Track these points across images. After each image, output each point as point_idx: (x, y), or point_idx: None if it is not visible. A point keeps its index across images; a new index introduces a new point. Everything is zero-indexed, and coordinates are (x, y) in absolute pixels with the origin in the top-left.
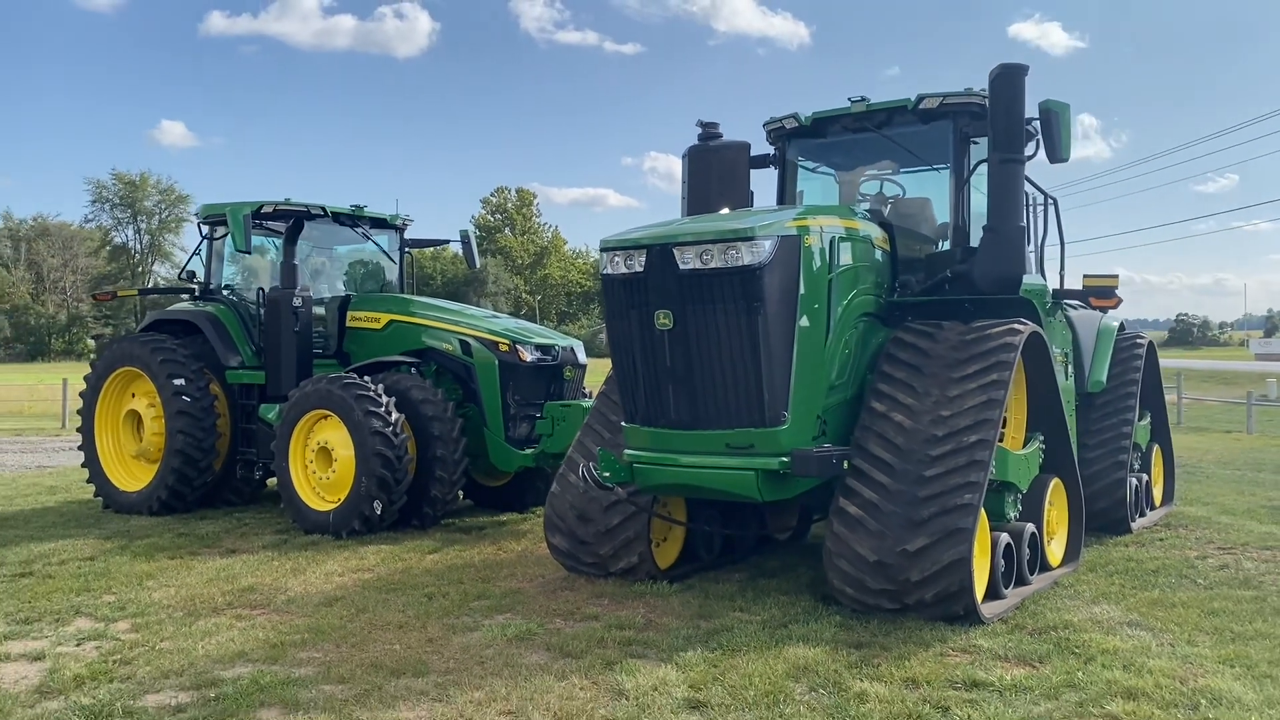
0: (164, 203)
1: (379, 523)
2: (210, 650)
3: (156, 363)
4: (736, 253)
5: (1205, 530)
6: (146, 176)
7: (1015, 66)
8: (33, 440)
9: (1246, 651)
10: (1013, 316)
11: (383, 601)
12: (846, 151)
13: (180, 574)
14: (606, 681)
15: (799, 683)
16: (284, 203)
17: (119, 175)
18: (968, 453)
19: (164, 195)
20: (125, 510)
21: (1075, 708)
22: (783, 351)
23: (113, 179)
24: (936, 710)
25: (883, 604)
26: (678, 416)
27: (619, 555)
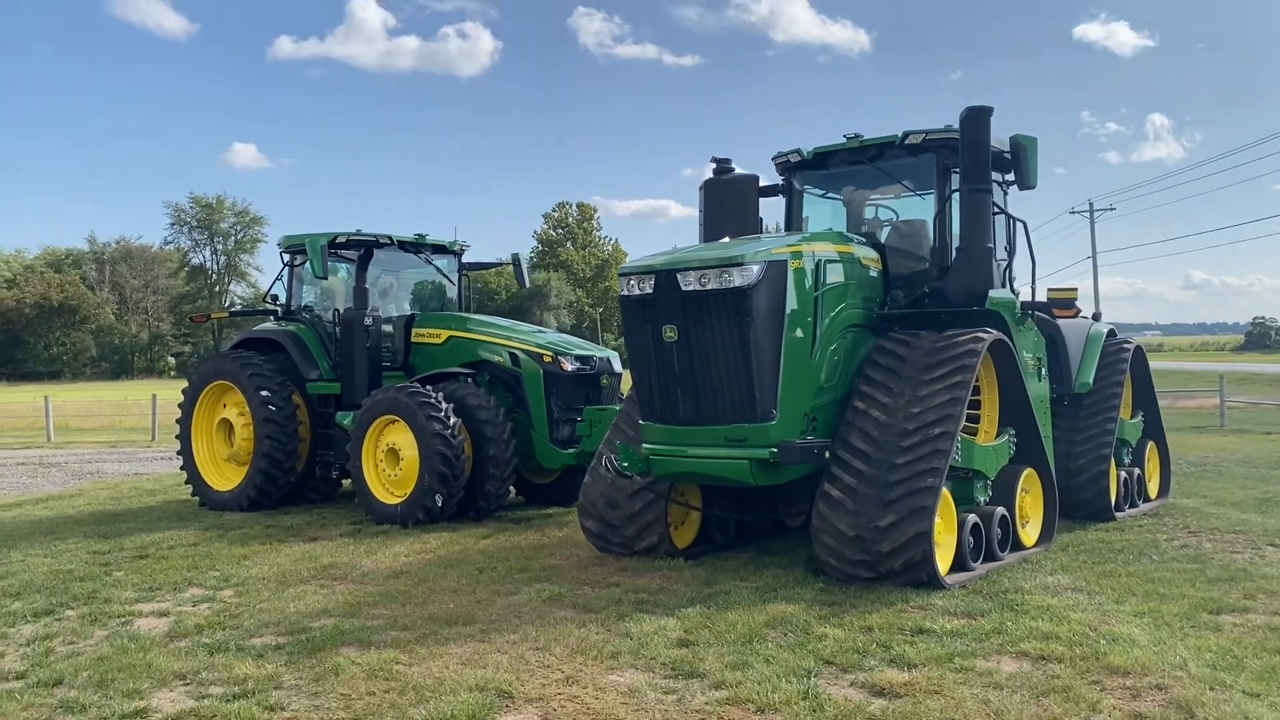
0: (239, 224)
1: (440, 514)
2: (300, 609)
3: (245, 376)
4: (729, 276)
5: (1185, 518)
6: (222, 199)
7: (981, 108)
8: (127, 451)
9: (1161, 608)
10: (982, 326)
11: (440, 574)
12: (846, 181)
13: (271, 555)
14: (617, 628)
15: (774, 629)
16: (355, 233)
17: (196, 198)
18: (932, 443)
19: (239, 217)
20: (218, 507)
21: (995, 645)
22: (771, 358)
23: (190, 202)
24: (880, 647)
25: (861, 573)
26: (684, 415)
27: (641, 536)
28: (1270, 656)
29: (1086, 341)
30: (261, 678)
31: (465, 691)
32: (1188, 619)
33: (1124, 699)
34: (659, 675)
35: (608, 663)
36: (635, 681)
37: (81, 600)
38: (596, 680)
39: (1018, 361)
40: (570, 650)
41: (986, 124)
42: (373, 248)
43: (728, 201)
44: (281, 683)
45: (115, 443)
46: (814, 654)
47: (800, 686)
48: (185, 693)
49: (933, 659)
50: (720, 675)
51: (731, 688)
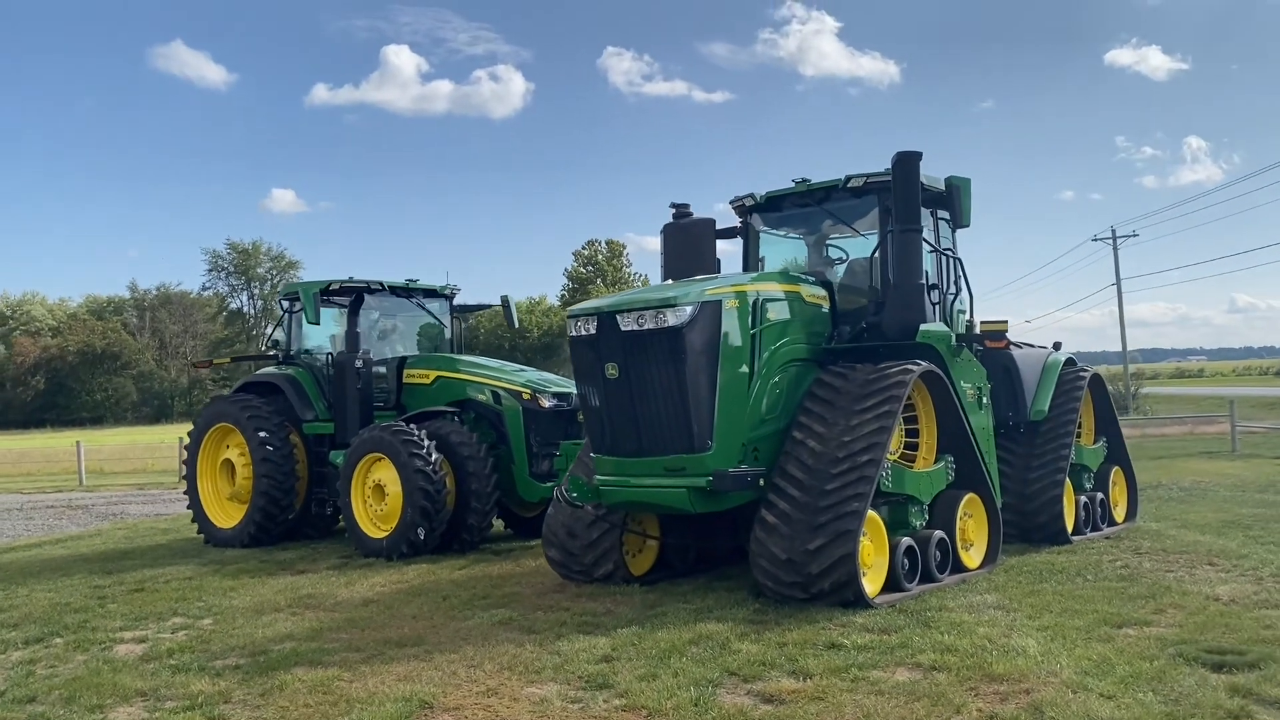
0: (275, 269)
1: (424, 547)
2: (267, 634)
3: (245, 419)
4: (664, 316)
5: (1140, 541)
6: (258, 245)
7: (911, 153)
8: (154, 493)
9: (1068, 623)
10: (916, 359)
11: (406, 601)
12: (799, 222)
13: (256, 587)
14: (551, 647)
15: (696, 645)
16: (347, 280)
17: (233, 244)
18: (859, 470)
19: (275, 262)
20: (221, 544)
21: (896, 658)
22: (707, 392)
23: (227, 248)
24: (787, 660)
25: (795, 594)
26: (628, 447)
27: (599, 564)
28: (1141, 663)
29: (1043, 370)
30: (214, 694)
31: (391, 703)
32: (1087, 632)
33: (991, 702)
34: (573, 687)
35: (530, 677)
36: (549, 693)
37: (72, 629)
38: (515, 692)
39: (952, 391)
40: (499, 666)
41: (916, 168)
42: (363, 293)
43: (686, 244)
44: (231, 698)
45: (144, 485)
46: (723, 666)
47: (695, 695)
48: (143, 707)
49: (831, 670)
50: (627, 686)
51: (632, 696)
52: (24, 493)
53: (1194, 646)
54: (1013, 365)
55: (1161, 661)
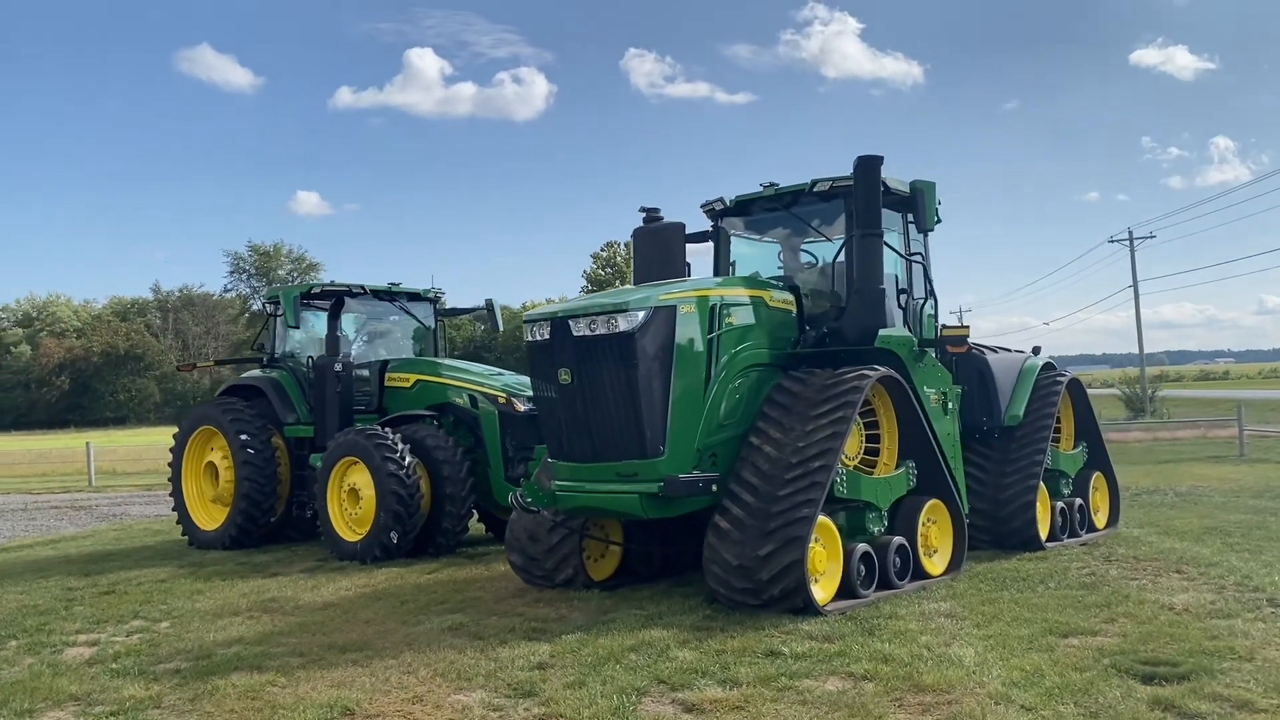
0: (296, 271)
1: (397, 550)
2: (218, 638)
3: (227, 422)
4: (615, 322)
5: (1115, 547)
6: (279, 247)
7: (872, 158)
8: (158, 494)
9: (1014, 632)
10: (876, 364)
11: (365, 606)
12: (769, 226)
13: (224, 590)
14: (491, 653)
15: (636, 652)
16: (328, 284)
17: (254, 246)
18: (811, 476)
19: (295, 264)
20: (204, 546)
21: (831, 666)
22: (660, 398)
23: (249, 250)
24: (721, 668)
25: (747, 600)
26: (582, 452)
27: (560, 569)
28: (1073, 674)
29: (1019, 375)
30: (145, 698)
31: (314, 709)
32: (1030, 642)
33: (913, 713)
34: (499, 694)
35: (460, 684)
36: (473, 700)
37: (30, 632)
38: (440, 699)
39: (913, 397)
40: (434, 673)
41: (877, 172)
42: (344, 297)
43: (656, 248)
44: (161, 702)
45: (151, 486)
46: (654, 674)
47: (617, 703)
48: (72, 711)
49: (761, 679)
50: (552, 694)
51: (554, 704)
52: (33, 493)
53: (1131, 657)
54: (987, 370)
55: (1094, 673)
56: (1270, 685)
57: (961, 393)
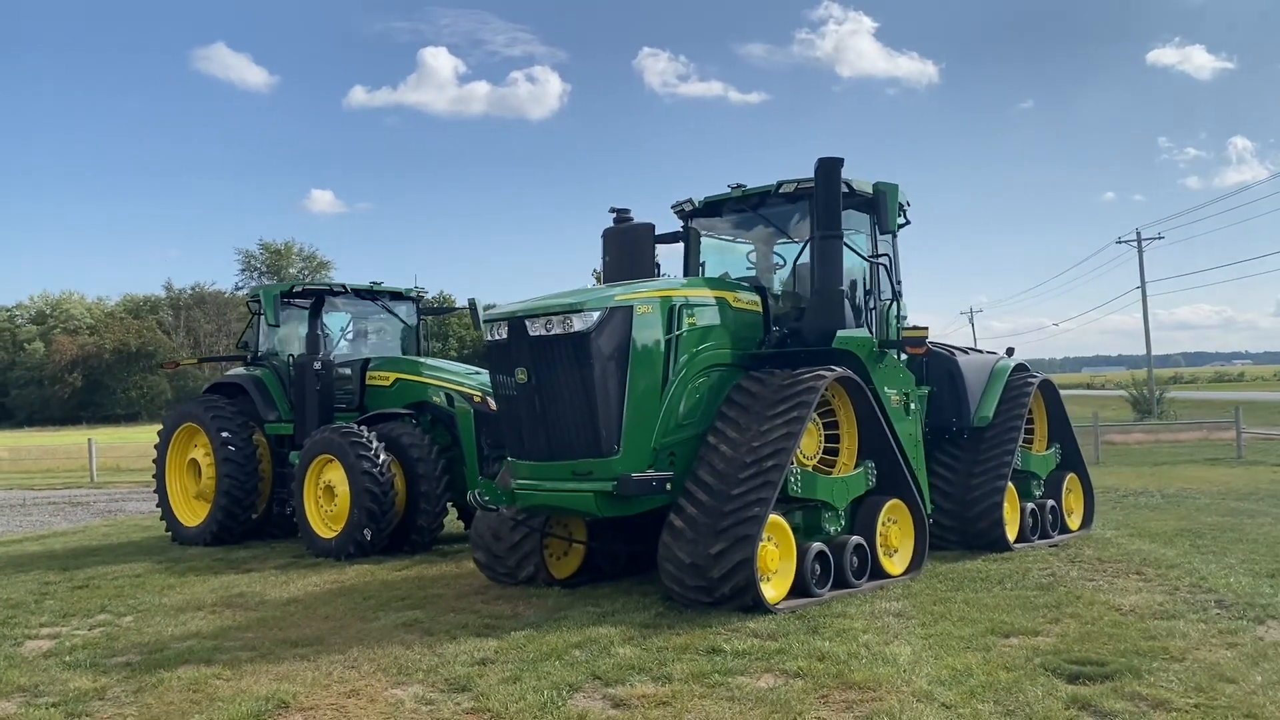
0: (307, 269)
1: (371, 547)
2: (176, 632)
3: (209, 419)
4: (570, 321)
5: (1082, 549)
6: (290, 245)
7: (832, 160)
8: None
9: (956, 631)
10: (836, 365)
11: (327, 601)
12: (739, 227)
13: (194, 585)
14: (436, 649)
15: (579, 649)
16: (309, 283)
17: (265, 245)
18: (764, 475)
19: (306, 262)
20: (186, 542)
21: (766, 664)
22: (616, 397)
23: (260, 248)
24: (657, 664)
25: (700, 598)
26: (539, 451)
27: (521, 566)
28: (1001, 673)
29: (990, 376)
30: (91, 690)
31: (249, 702)
32: (969, 641)
33: (835, 710)
34: (435, 689)
35: (399, 678)
36: (407, 695)
37: None
38: (376, 693)
39: (871, 397)
40: (377, 668)
41: (838, 174)
42: (324, 296)
43: (626, 248)
44: (105, 695)
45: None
46: (591, 670)
47: (547, 698)
48: (18, 703)
49: (694, 675)
50: (486, 689)
51: (484, 700)
52: (35, 488)
53: (1063, 657)
54: (957, 371)
55: (1022, 672)
56: (1191, 685)
57: (931, 394)
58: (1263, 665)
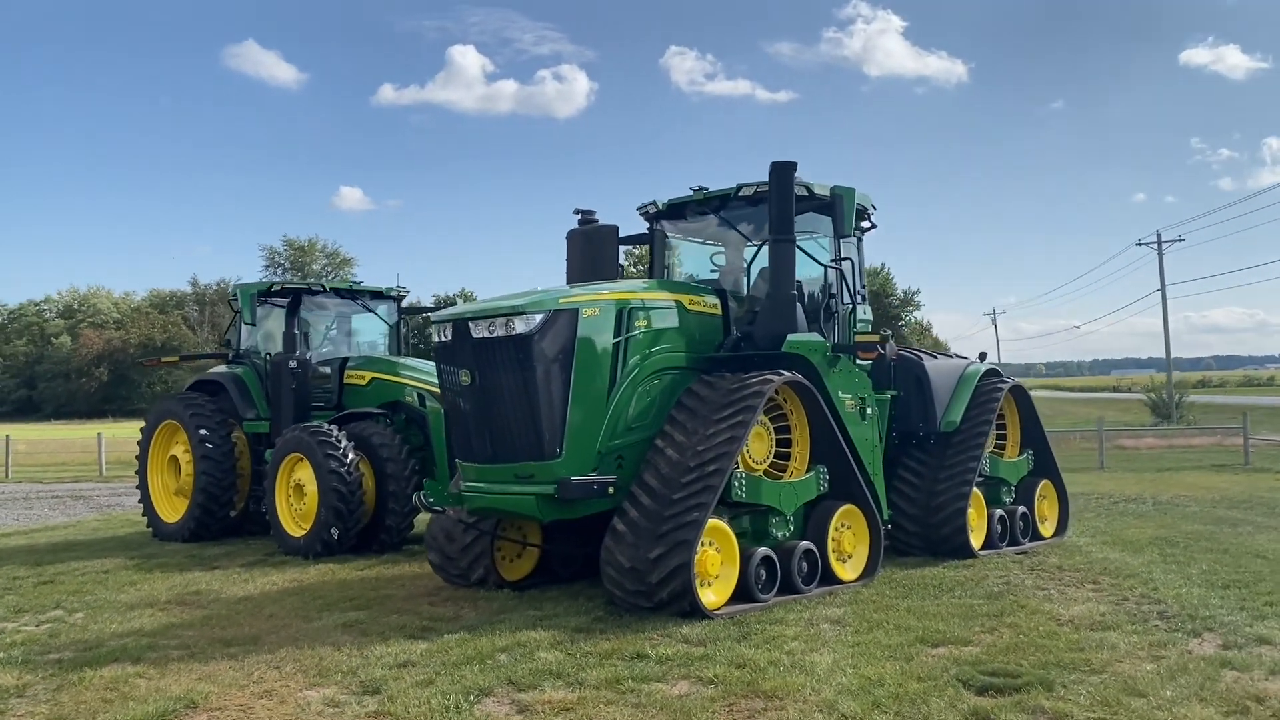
0: (330, 265)
1: (338, 546)
2: (117, 629)
3: (187, 416)
4: (512, 324)
5: (1050, 557)
6: (314, 242)
7: (786, 163)
8: None
9: (886, 639)
10: (786, 369)
11: (277, 601)
12: (703, 229)
13: (157, 582)
14: (365, 651)
15: (506, 653)
16: (287, 282)
17: (290, 241)
18: (705, 480)
19: (330, 258)
20: (166, 538)
21: (686, 670)
22: (558, 400)
23: (284, 244)
24: (576, 669)
25: (640, 603)
26: (483, 453)
27: (473, 568)
28: (912, 684)
29: (959, 381)
30: (13, 687)
31: (161, 700)
32: (895, 650)
33: (737, 718)
34: (346, 691)
35: (316, 680)
36: (318, 696)
37: None
38: (288, 694)
39: (823, 402)
40: (298, 669)
41: (790, 178)
42: (301, 295)
43: (589, 250)
44: (25, 692)
45: None
46: (508, 675)
47: (453, 703)
48: None
49: (609, 681)
50: (396, 692)
51: (390, 703)
52: (44, 482)
53: (981, 668)
54: (924, 376)
55: (934, 683)
56: (1099, 699)
57: (898, 398)
58: (1179, 679)
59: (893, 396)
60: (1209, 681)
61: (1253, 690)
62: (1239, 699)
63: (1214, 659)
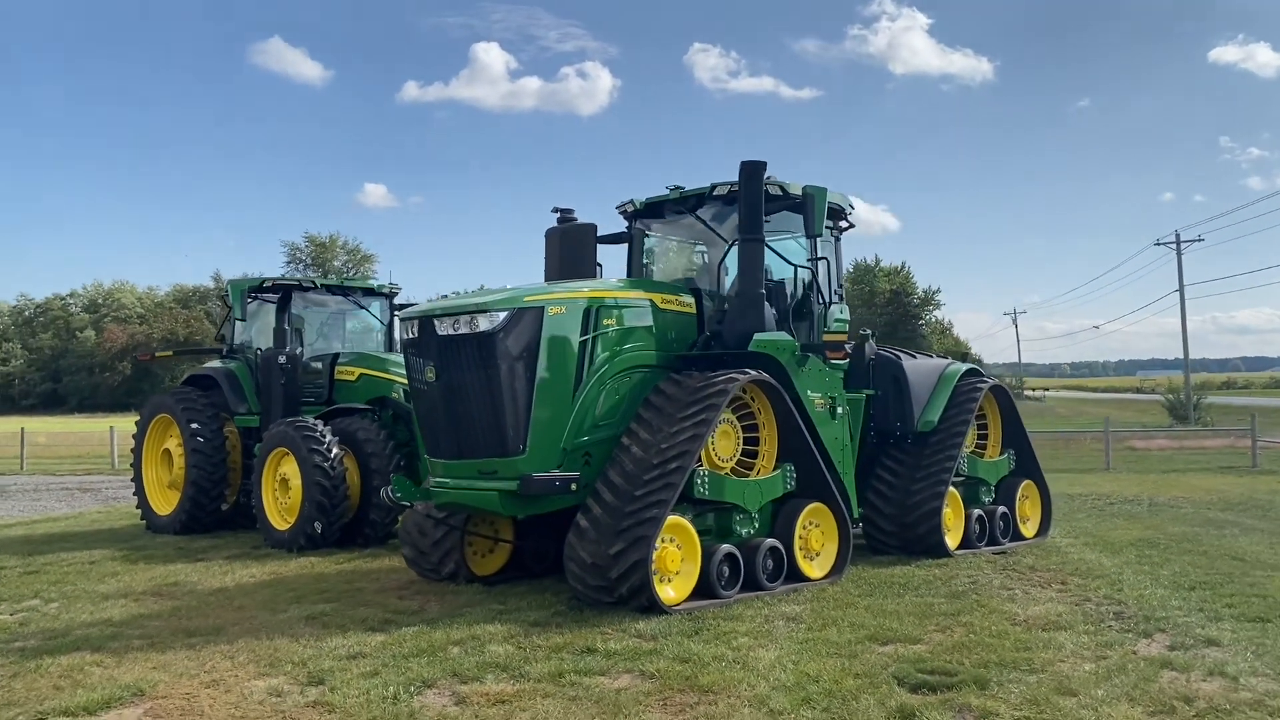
0: (350, 262)
1: (321, 540)
2: (87, 618)
3: (179, 410)
4: (476, 321)
5: (1026, 557)
6: (335, 238)
7: (755, 163)
8: None
9: (834, 637)
10: (755, 367)
11: (251, 593)
12: (679, 228)
13: (137, 574)
14: (322, 642)
15: (458, 645)
16: (279, 278)
17: (310, 237)
18: (666, 477)
19: (350, 255)
20: (159, 530)
21: (630, 665)
22: (522, 398)
23: (305, 240)
24: (523, 663)
25: (602, 598)
26: (449, 449)
27: (444, 562)
28: (848, 680)
29: (939, 381)
30: None
31: (110, 688)
32: (842, 647)
33: (669, 714)
34: (293, 681)
35: (266, 670)
36: (262, 686)
37: None
38: (234, 684)
39: (790, 401)
40: (252, 659)
41: (760, 178)
42: (291, 291)
43: (567, 248)
44: None
45: None
46: (452, 668)
47: (392, 694)
48: None
49: (551, 675)
50: (339, 683)
51: (331, 693)
52: (57, 474)
53: (922, 666)
54: (902, 375)
55: (869, 680)
56: (1029, 698)
57: (876, 398)
58: (1115, 679)
59: (870, 396)
60: (1144, 682)
61: (1185, 691)
62: (1169, 699)
63: (1156, 660)
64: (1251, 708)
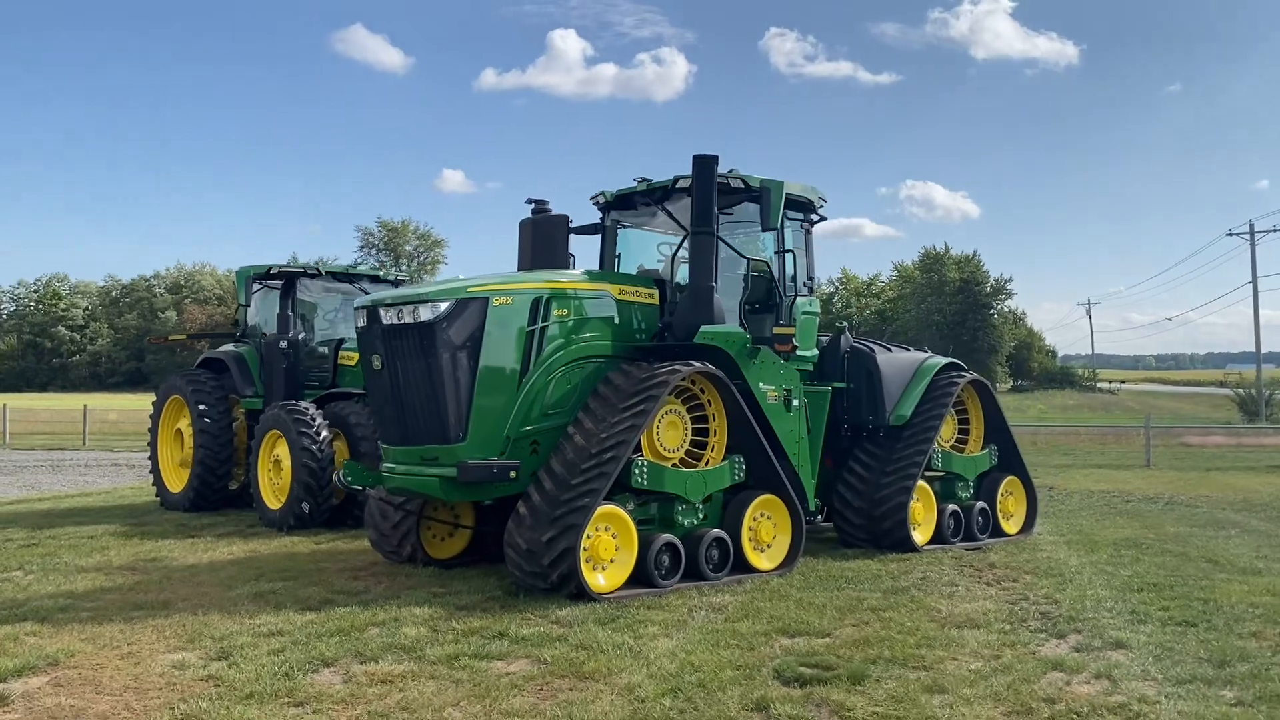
0: (421, 246)
1: (310, 520)
2: (53, 590)
3: (189, 392)
4: (418, 312)
5: (998, 555)
6: (407, 223)
7: (708, 157)
8: None
9: (739, 627)
10: (705, 359)
11: (218, 570)
12: (650, 219)
13: (125, 549)
14: (252, 619)
15: (377, 626)
16: (284, 265)
17: (383, 222)
18: (602, 467)
19: (421, 240)
20: (170, 507)
21: (535, 650)
22: (464, 386)
23: (378, 225)
24: (428, 645)
25: (537, 584)
26: (395, 435)
27: (402, 545)
28: (727, 672)
29: (914, 375)
30: None
31: (28, 657)
32: (744, 639)
33: (539, 698)
34: (202, 656)
35: (184, 644)
36: (170, 660)
37: None
38: (146, 656)
39: (738, 393)
40: (176, 633)
41: (713, 171)
42: (295, 278)
43: (539, 239)
44: None
45: None
46: (356, 648)
47: (287, 671)
48: None
49: (447, 658)
50: (242, 658)
51: (228, 668)
52: (114, 450)
53: (810, 659)
54: (875, 369)
55: (747, 671)
56: (895, 695)
57: (849, 391)
58: (993, 680)
59: (838, 389)
60: (1021, 682)
61: (1055, 693)
62: (1034, 700)
63: (1050, 660)
64: (1113, 711)
